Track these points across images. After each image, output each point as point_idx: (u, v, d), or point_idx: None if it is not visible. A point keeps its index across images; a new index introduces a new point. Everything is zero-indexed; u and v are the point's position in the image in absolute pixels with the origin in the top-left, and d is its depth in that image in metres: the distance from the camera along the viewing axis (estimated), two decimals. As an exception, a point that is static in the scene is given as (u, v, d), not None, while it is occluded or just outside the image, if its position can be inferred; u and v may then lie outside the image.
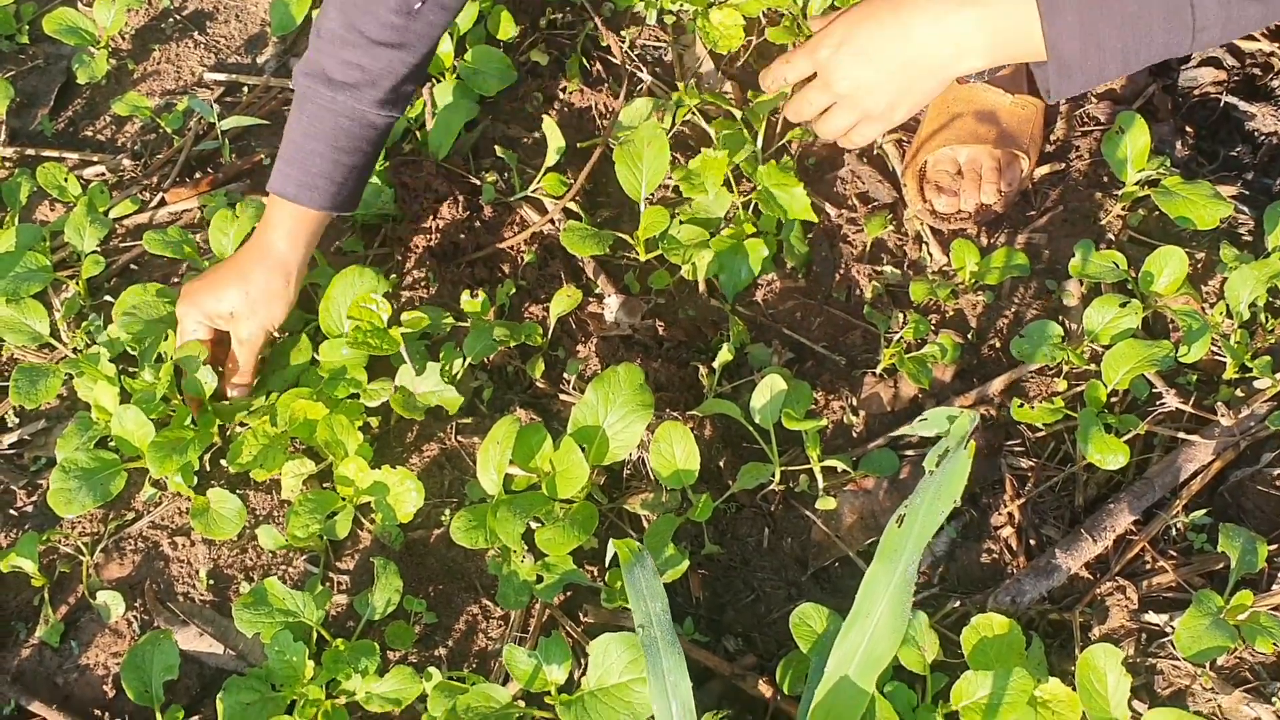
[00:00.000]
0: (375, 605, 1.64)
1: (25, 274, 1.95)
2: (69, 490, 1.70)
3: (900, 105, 1.50)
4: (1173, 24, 1.29)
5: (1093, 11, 1.30)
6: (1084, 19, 1.30)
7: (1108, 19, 1.30)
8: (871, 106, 1.51)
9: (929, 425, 1.25)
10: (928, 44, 1.41)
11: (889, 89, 1.48)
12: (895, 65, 1.44)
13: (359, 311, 1.73)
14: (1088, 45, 1.31)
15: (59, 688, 1.68)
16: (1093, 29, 1.30)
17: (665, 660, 1.23)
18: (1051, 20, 1.31)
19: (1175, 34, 1.29)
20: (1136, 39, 1.30)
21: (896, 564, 1.18)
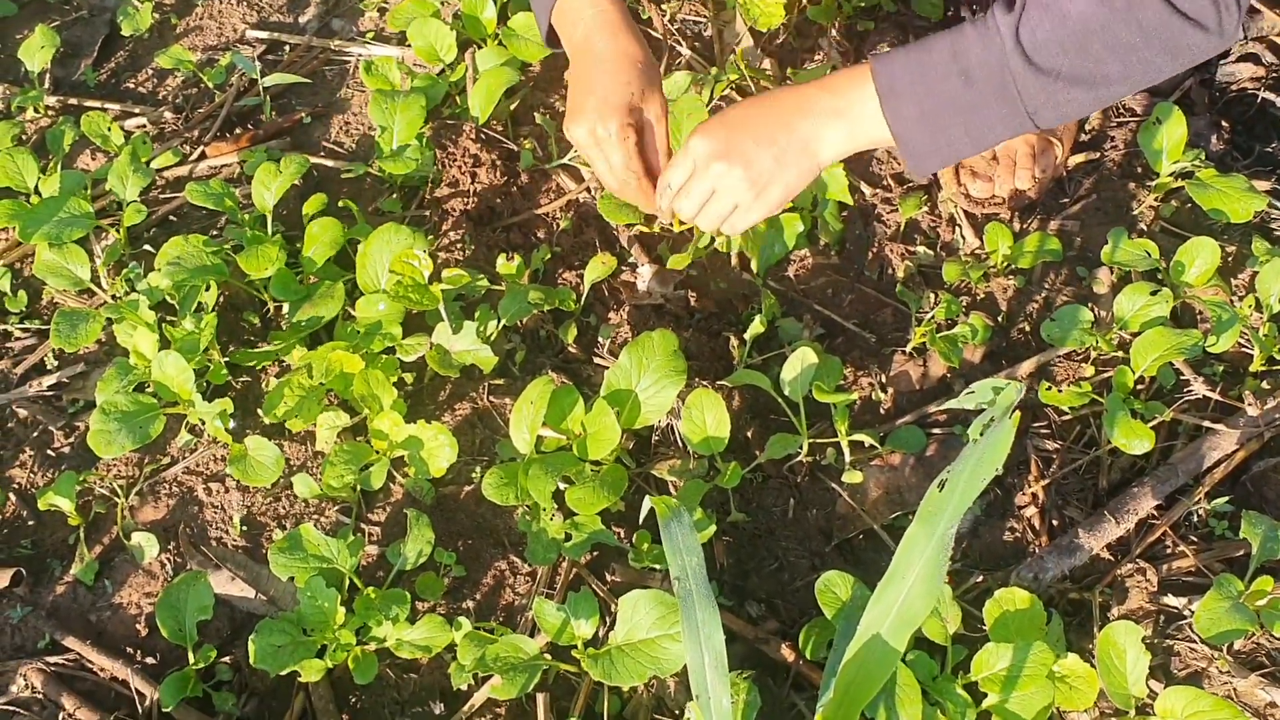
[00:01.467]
0: (407, 555, 1.66)
1: (68, 219, 1.97)
2: (109, 432, 1.73)
3: (769, 194, 1.52)
4: (1007, 109, 1.36)
5: (932, 104, 1.38)
6: (924, 112, 1.38)
7: (946, 110, 1.38)
8: (743, 197, 1.53)
9: (974, 397, 1.27)
10: (790, 146, 1.46)
11: (758, 182, 1.50)
12: (765, 163, 1.48)
13: (401, 266, 1.75)
14: (935, 134, 1.40)
15: (92, 624, 1.71)
16: (935, 120, 1.39)
17: (700, 613, 1.25)
18: (894, 117, 1.40)
19: (1012, 117, 1.37)
20: (979, 124, 1.38)
21: (935, 527, 1.20)
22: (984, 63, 1.35)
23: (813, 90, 1.46)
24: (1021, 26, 1.32)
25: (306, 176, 2.20)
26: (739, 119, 1.50)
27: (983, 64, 1.35)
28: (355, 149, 2.26)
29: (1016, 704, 1.47)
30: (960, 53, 1.36)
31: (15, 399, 1.91)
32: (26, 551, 1.78)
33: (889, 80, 1.39)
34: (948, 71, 1.36)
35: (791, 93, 1.48)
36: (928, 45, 1.39)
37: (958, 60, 1.36)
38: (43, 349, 1.96)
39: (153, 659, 1.66)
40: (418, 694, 1.61)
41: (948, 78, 1.36)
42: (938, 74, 1.37)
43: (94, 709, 1.61)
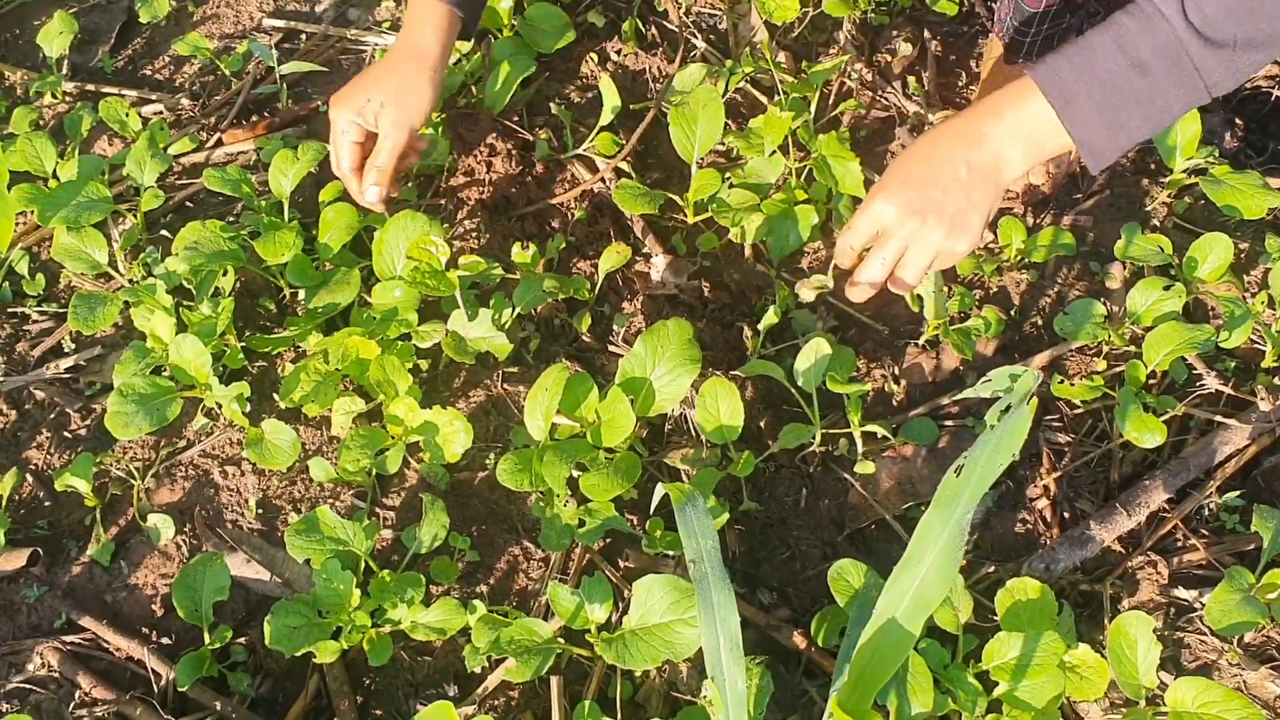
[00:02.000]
0: (422, 539, 1.67)
1: (86, 203, 1.98)
2: (126, 414, 1.74)
3: (970, 228, 1.50)
4: (1184, 88, 1.36)
5: (1109, 102, 1.37)
6: (1101, 109, 1.38)
7: (1125, 105, 1.37)
8: (944, 244, 1.51)
9: (991, 385, 1.28)
10: (975, 182, 1.46)
11: (956, 224, 1.49)
12: (958, 204, 1.47)
13: (418, 252, 1.76)
14: (1113, 130, 1.39)
15: (108, 605, 1.72)
16: (1113, 115, 1.38)
17: (715, 595, 1.26)
18: (1074, 123, 1.39)
19: (1191, 94, 1.37)
20: (1158, 109, 1.38)
21: (951, 513, 1.21)
22: (1156, 49, 1.34)
23: (979, 120, 1.45)
24: (1187, 5, 1.31)
25: (323, 164, 2.20)
26: (917, 174, 1.48)
27: (1155, 51, 1.34)
28: (371, 138, 2.26)
29: (1027, 692, 1.48)
30: (1127, 46, 1.35)
31: (33, 381, 1.92)
32: (43, 532, 1.79)
33: (1060, 89, 1.39)
34: (1119, 66, 1.36)
35: (958, 130, 1.47)
36: (1089, 46, 1.38)
37: (1127, 54, 1.36)
38: (60, 332, 1.97)
39: (168, 639, 1.67)
40: (432, 676, 1.62)
41: (1122, 73, 1.36)
42: (1110, 72, 1.36)
43: (110, 688, 1.62)
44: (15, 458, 1.86)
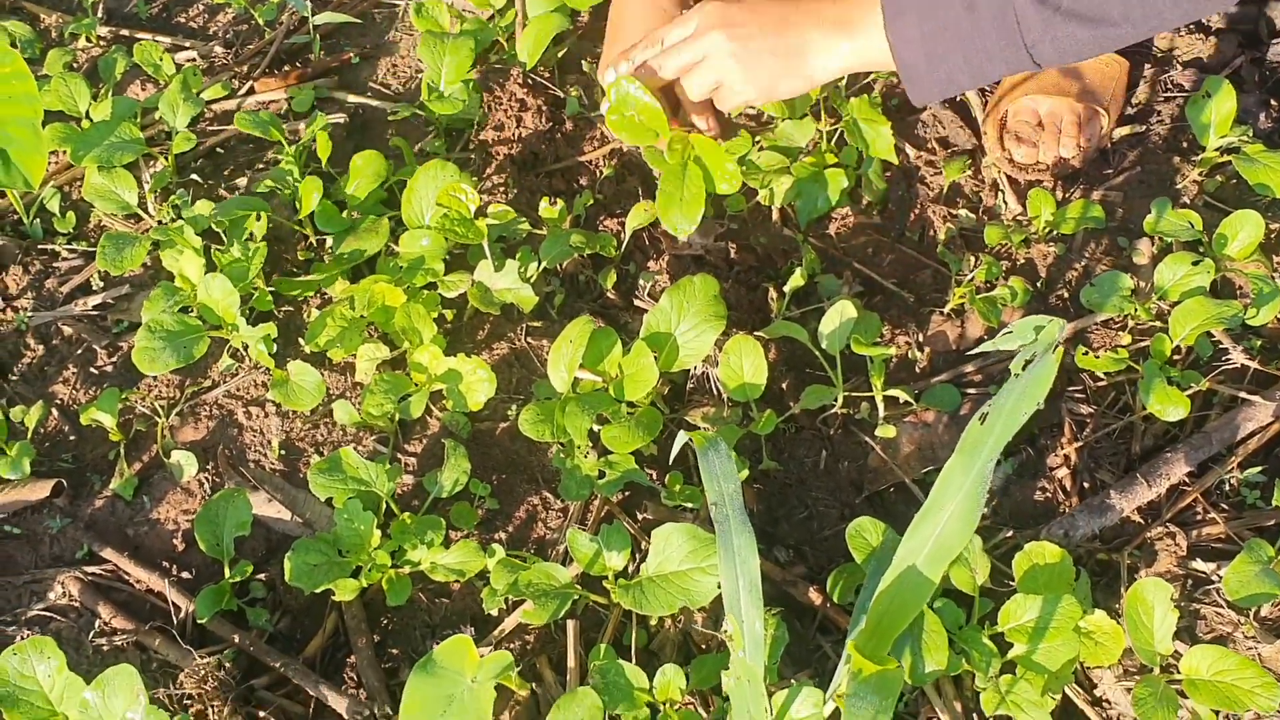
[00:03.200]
0: (443, 484, 1.68)
1: (119, 144, 1.99)
2: (153, 350, 1.75)
3: (757, 81, 1.55)
4: (1005, 40, 1.37)
5: (933, 27, 1.39)
6: (925, 34, 1.39)
7: (948, 35, 1.38)
8: (731, 76, 1.55)
9: (1015, 337, 1.28)
10: (790, 47, 1.49)
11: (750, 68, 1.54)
12: (761, 53, 1.51)
13: (448, 199, 1.76)
14: (934, 61, 1.41)
15: (129, 538, 1.74)
16: (935, 44, 1.40)
17: (736, 539, 1.27)
18: (897, 38, 1.41)
19: (1012, 49, 1.37)
20: (978, 54, 1.39)
21: (975, 460, 1.21)
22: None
23: (824, 4, 1.47)
24: None
25: (353, 116, 2.22)
26: (751, 4, 1.50)
27: None
28: (402, 91, 2.27)
29: (1043, 655, 1.48)
30: None
31: (61, 317, 1.94)
32: (67, 465, 1.81)
33: (896, 2, 1.40)
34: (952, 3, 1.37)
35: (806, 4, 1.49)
36: None
37: None
38: (89, 270, 1.99)
39: (188, 574, 1.68)
40: (449, 618, 1.63)
41: (952, 5, 1.37)
42: (943, 0, 1.37)
43: (129, 618, 1.64)
44: (42, 391, 1.87)
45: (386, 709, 1.54)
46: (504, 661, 1.38)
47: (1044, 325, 1.24)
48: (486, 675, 1.37)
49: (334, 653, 1.64)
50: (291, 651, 1.62)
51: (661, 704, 1.45)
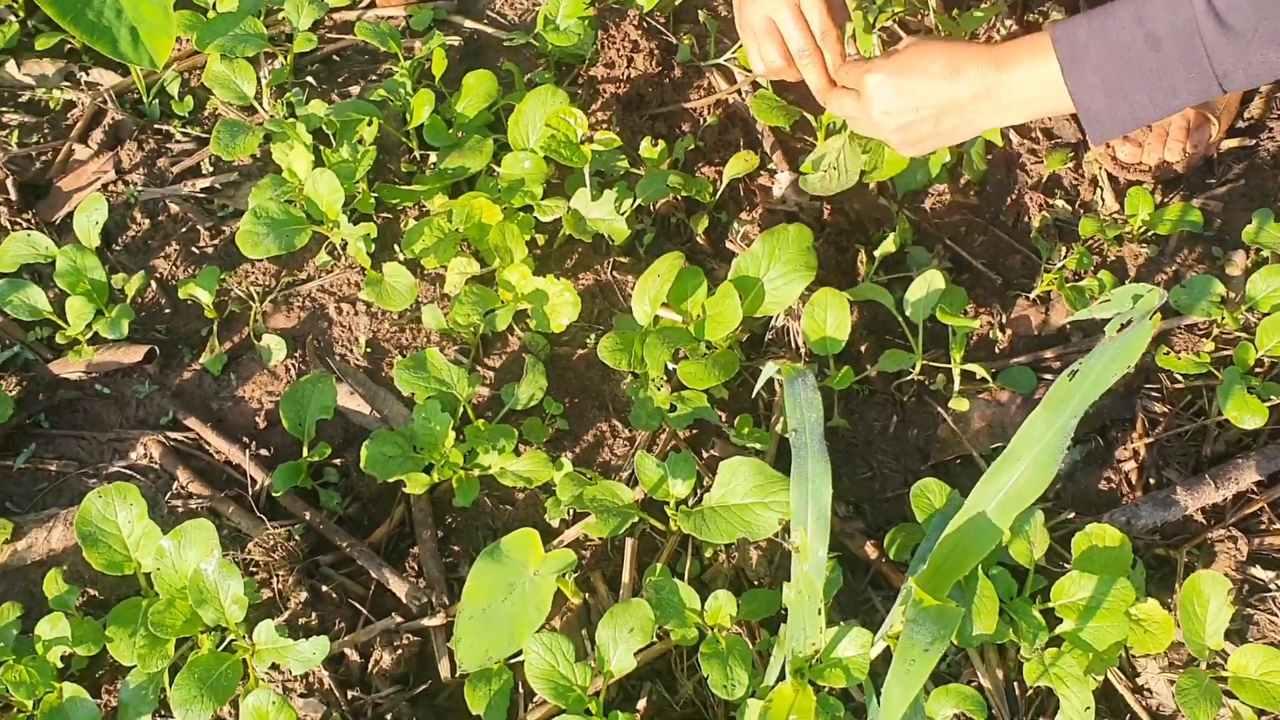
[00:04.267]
0: (519, 396, 1.72)
1: (242, 36, 2.05)
2: (257, 234, 1.80)
3: (930, 142, 1.56)
4: (1194, 73, 1.33)
5: (1116, 71, 1.35)
6: (1106, 76, 1.36)
7: (1132, 77, 1.35)
8: (890, 137, 1.56)
9: (1112, 305, 1.28)
10: (970, 105, 1.47)
11: (923, 128, 1.53)
12: (934, 112, 1.50)
13: (556, 121, 1.80)
14: (1114, 100, 1.37)
15: (213, 411, 1.80)
16: (1118, 87, 1.36)
17: (812, 466, 1.29)
18: (1077, 85, 1.37)
19: (1200, 80, 1.34)
20: (1164, 90, 1.35)
21: (1059, 414, 1.22)
22: (1172, 26, 1.32)
23: (993, 61, 1.44)
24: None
25: (467, 40, 2.26)
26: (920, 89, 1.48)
27: (1171, 28, 1.32)
28: (518, 22, 2.31)
29: (1090, 634, 1.50)
30: (1146, 18, 1.33)
31: (169, 195, 2.00)
32: (160, 336, 1.87)
33: (1071, 48, 1.37)
34: (1133, 38, 1.34)
35: (972, 60, 1.45)
36: (1110, 11, 1.36)
37: (1143, 25, 1.33)
38: (200, 154, 2.04)
39: (266, 451, 1.74)
40: (510, 524, 1.67)
41: (1133, 44, 1.34)
42: (1122, 40, 1.34)
43: (205, 485, 1.69)
44: (143, 263, 1.94)
45: (444, 598, 1.59)
46: (567, 559, 1.42)
47: (1142, 294, 1.25)
48: (549, 569, 1.41)
49: (398, 542, 1.69)
50: (358, 535, 1.67)
51: (710, 627, 1.48)
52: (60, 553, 1.65)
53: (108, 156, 2.04)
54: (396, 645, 1.55)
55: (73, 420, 1.81)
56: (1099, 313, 1.32)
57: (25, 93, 2.15)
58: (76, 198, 1.99)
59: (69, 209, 1.98)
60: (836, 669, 1.36)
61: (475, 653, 1.40)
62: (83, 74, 2.17)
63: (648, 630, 1.43)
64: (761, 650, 1.52)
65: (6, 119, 2.10)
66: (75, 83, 2.16)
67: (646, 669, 1.56)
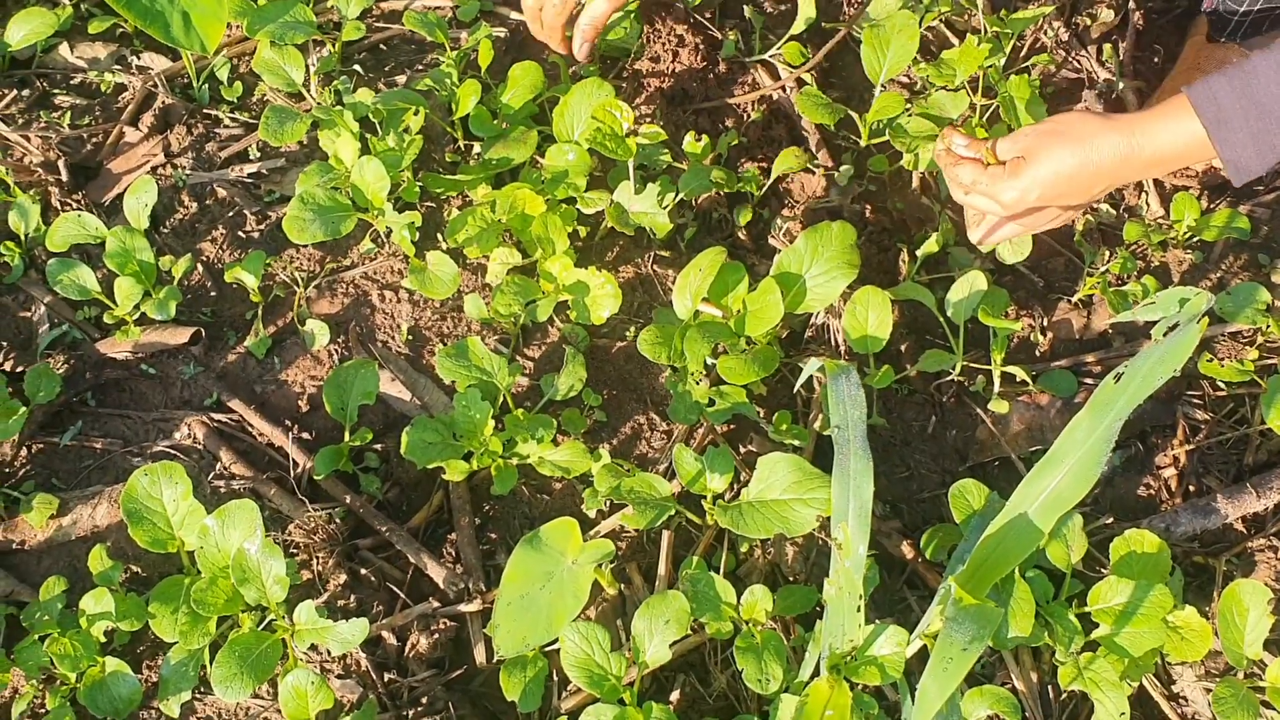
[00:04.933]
0: (559, 387, 1.73)
1: (292, 23, 2.07)
2: (304, 220, 1.82)
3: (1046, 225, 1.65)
4: None
5: (1264, 124, 1.39)
6: (1255, 133, 1.40)
7: (1276, 125, 1.39)
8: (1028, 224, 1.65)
9: (1158, 307, 1.28)
10: (1101, 191, 1.53)
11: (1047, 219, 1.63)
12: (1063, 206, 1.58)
13: (602, 113, 1.80)
14: (1263, 152, 1.41)
15: (257, 394, 1.82)
16: (1266, 139, 1.40)
17: (854, 463, 1.30)
18: (1225, 146, 1.41)
19: None
20: None
21: (1104, 416, 1.22)
22: None
23: (1134, 141, 1.47)
24: None
25: (513, 32, 2.27)
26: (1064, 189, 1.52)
27: None
28: (563, 14, 2.31)
29: (1126, 640, 1.49)
30: None
31: (216, 179, 2.02)
32: (206, 319, 1.89)
33: (1215, 111, 1.41)
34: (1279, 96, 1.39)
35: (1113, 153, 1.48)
36: (1252, 69, 1.40)
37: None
38: (248, 139, 2.07)
39: (308, 435, 1.76)
40: (547, 514, 1.68)
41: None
42: (1270, 96, 1.38)
43: (248, 466, 1.72)
44: (190, 246, 1.96)
45: (481, 585, 1.60)
46: (605, 549, 1.43)
47: (1189, 297, 1.25)
48: (587, 559, 1.42)
49: (436, 528, 1.70)
50: (397, 520, 1.69)
51: (745, 621, 1.49)
52: (104, 529, 1.68)
53: (157, 140, 2.06)
54: (433, 630, 1.56)
55: (119, 399, 1.83)
56: (1144, 315, 1.32)
57: (77, 75, 2.18)
58: (126, 180, 2.02)
59: (119, 191, 2.01)
60: (872, 666, 1.36)
61: (513, 639, 1.42)
62: (134, 58, 2.20)
63: (683, 622, 1.43)
64: (796, 646, 1.53)
65: (59, 101, 2.13)
66: (126, 66, 2.19)
67: (681, 661, 1.57)
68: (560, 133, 1.95)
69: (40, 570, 1.67)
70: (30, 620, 1.57)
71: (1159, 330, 1.26)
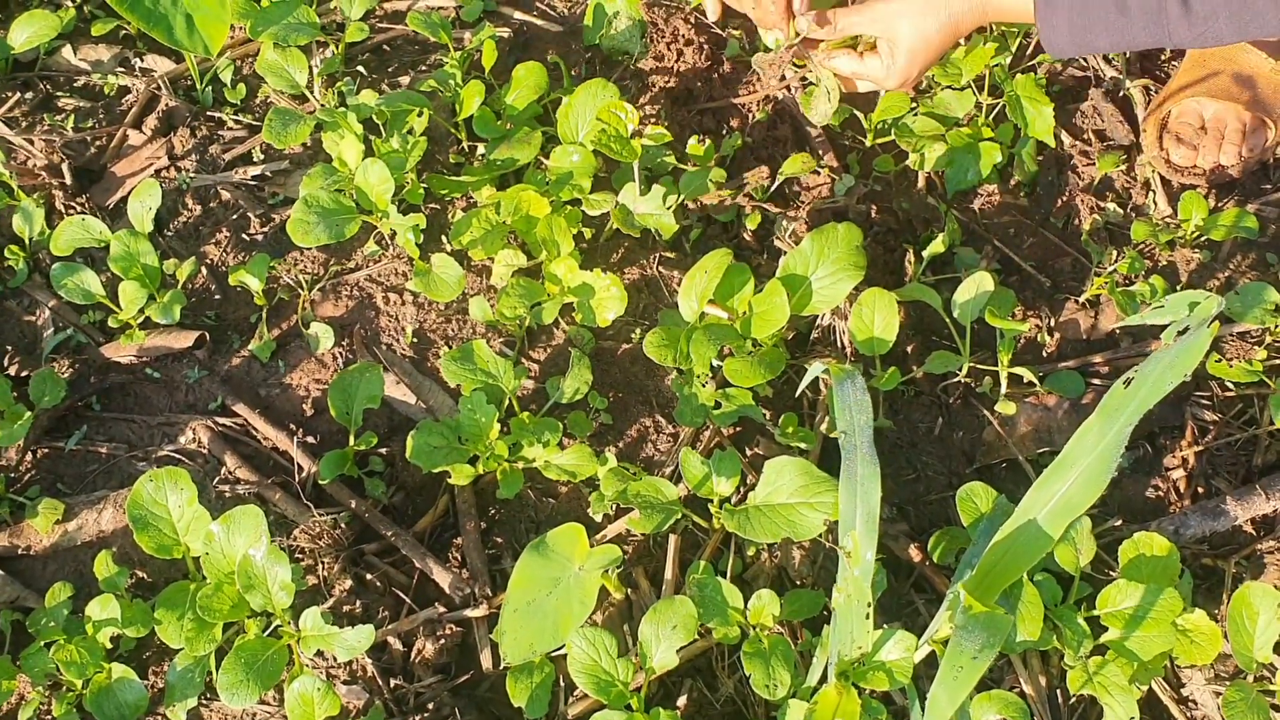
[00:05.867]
0: (565, 390, 1.73)
1: (296, 25, 2.06)
2: (308, 222, 1.81)
3: None
4: (1153, 37, 1.50)
5: (1084, 21, 1.52)
6: (1074, 27, 1.53)
7: (1095, 28, 1.53)
8: None
9: (1167, 311, 1.27)
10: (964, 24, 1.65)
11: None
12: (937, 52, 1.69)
13: (607, 115, 1.80)
14: (1078, 44, 1.55)
15: (261, 397, 1.81)
16: (1082, 35, 1.54)
17: (861, 469, 1.29)
18: (1044, 21, 1.54)
19: (1156, 41, 1.51)
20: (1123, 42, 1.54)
21: (1114, 422, 1.21)
22: (1143, 4, 1.49)
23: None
24: None
25: (517, 32, 2.26)
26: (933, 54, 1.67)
27: (1141, 4, 1.49)
28: (567, 14, 2.31)
29: (1136, 644, 1.48)
30: None
31: (220, 182, 2.02)
32: (210, 322, 1.89)
33: None
34: (1105, 2, 1.51)
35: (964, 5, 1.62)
36: None
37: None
38: (252, 142, 2.06)
39: (313, 439, 1.75)
40: (553, 518, 1.68)
41: (1103, 5, 1.51)
42: (1095, 3, 1.51)
43: (252, 470, 1.71)
44: (194, 249, 1.96)
45: (487, 589, 1.60)
46: (612, 555, 1.42)
47: (1199, 301, 1.24)
48: (594, 564, 1.41)
49: (442, 532, 1.70)
50: (403, 524, 1.68)
51: (753, 626, 1.48)
52: (110, 534, 1.67)
53: (161, 143, 2.06)
54: (439, 635, 1.56)
55: (123, 403, 1.83)
56: (1152, 319, 1.31)
57: (81, 78, 2.17)
58: (130, 183, 2.01)
59: (123, 194, 2.00)
60: (880, 672, 1.36)
61: (519, 646, 1.41)
62: (137, 60, 2.20)
63: (690, 628, 1.43)
64: (804, 650, 1.52)
65: (62, 104, 2.13)
66: (130, 69, 2.18)
67: (688, 666, 1.57)
68: (565, 134, 1.95)
69: (46, 576, 1.67)
70: (36, 626, 1.57)
71: (1169, 334, 1.25)
